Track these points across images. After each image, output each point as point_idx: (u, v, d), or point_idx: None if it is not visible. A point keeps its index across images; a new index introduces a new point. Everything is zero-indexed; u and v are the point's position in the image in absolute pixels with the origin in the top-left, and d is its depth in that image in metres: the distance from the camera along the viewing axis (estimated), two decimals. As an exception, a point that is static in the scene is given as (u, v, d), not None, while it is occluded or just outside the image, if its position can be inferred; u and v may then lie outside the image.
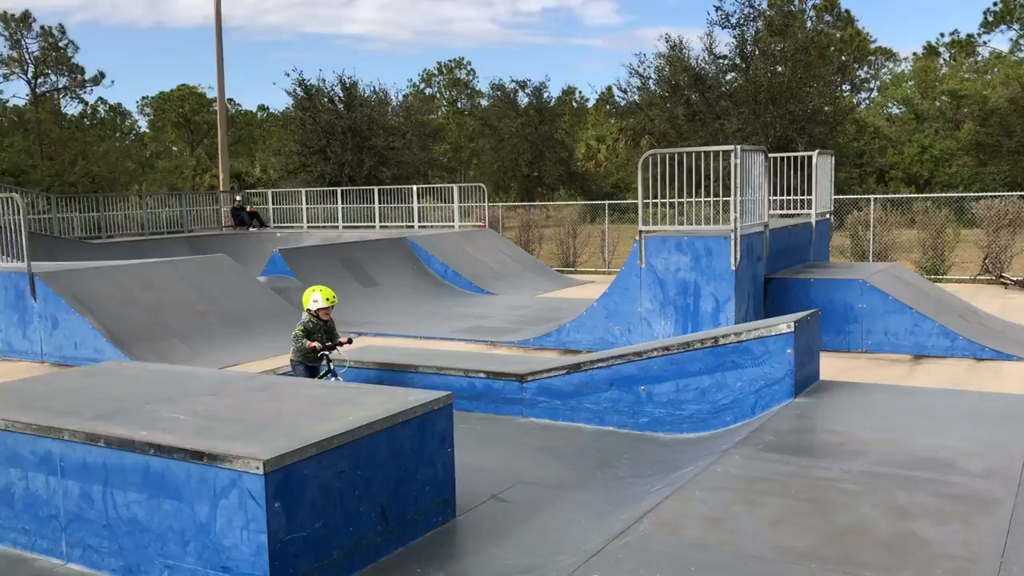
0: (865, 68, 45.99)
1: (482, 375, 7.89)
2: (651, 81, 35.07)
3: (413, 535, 5.13)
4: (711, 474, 5.18)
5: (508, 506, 5.77)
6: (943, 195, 23.87)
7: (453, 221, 24.40)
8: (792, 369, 6.76)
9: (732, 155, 12.83)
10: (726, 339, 6.97)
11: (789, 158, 16.52)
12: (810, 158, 16.09)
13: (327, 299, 8.09)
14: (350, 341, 8.28)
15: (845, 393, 6.96)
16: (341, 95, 37.62)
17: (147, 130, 67.91)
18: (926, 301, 13.96)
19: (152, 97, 67.32)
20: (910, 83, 48.34)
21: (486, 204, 24.45)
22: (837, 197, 23.06)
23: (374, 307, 16.66)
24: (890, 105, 46.70)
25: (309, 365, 8.10)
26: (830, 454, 5.45)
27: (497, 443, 7.11)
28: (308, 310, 8.13)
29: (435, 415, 5.31)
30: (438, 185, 26.16)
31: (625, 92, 37.64)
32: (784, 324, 6.79)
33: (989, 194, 22.03)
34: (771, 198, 16.81)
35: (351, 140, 36.25)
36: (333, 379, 7.87)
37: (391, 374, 8.23)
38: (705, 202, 13.67)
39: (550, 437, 7.27)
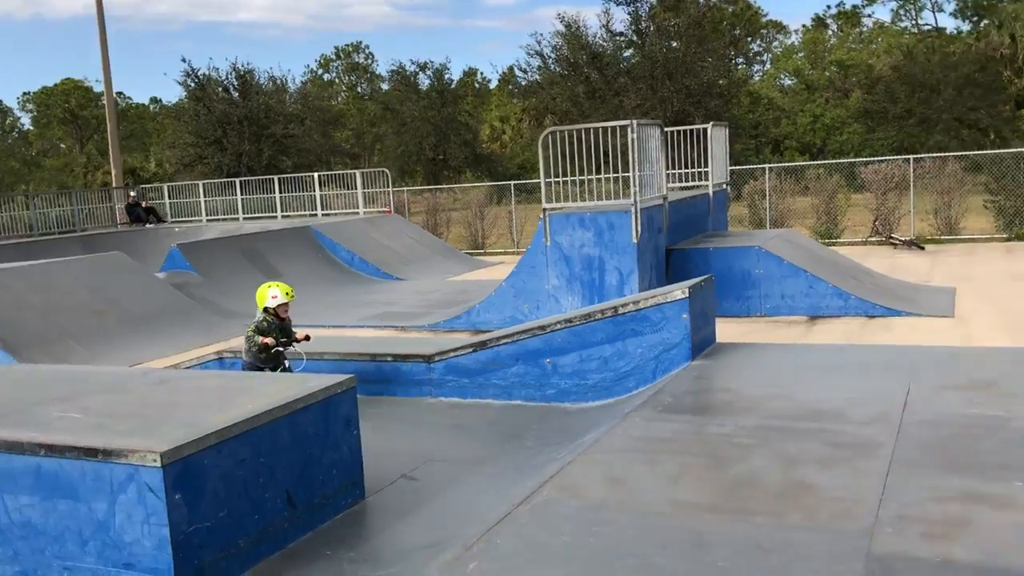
0: (758, 42, 47.21)
1: (389, 358, 7.88)
2: (550, 60, 35.30)
3: (322, 519, 5.11)
4: (612, 437, 5.31)
5: (418, 484, 5.80)
6: (833, 162, 24.78)
7: (357, 208, 24.15)
8: (689, 333, 6.96)
9: (629, 130, 13.05)
10: (625, 308, 7.13)
11: (685, 131, 16.88)
12: (705, 130, 16.47)
13: (286, 293, 7.46)
14: (308, 338, 7.63)
15: (739, 354, 7.21)
16: (235, 84, 36.70)
17: (31, 127, 64.95)
18: (820, 264, 14.51)
19: (34, 92, 64.39)
20: (800, 55, 49.87)
21: (390, 189, 24.28)
22: (733, 168, 23.69)
23: (280, 298, 16.38)
24: (782, 77, 48.13)
25: (261, 367, 7.45)
26: (724, 411, 5.65)
27: (407, 424, 7.13)
28: (265, 308, 7.48)
29: (338, 399, 5.29)
30: (341, 172, 25.83)
31: (526, 72, 37.80)
32: (679, 291, 6.98)
33: (876, 159, 22.97)
34: (669, 171, 17.19)
35: (248, 129, 35.43)
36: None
37: (296, 363, 8.14)
38: (607, 178, 13.86)
39: (459, 415, 7.32)
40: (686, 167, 17.31)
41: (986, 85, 34.33)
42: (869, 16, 50.57)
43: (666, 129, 15.76)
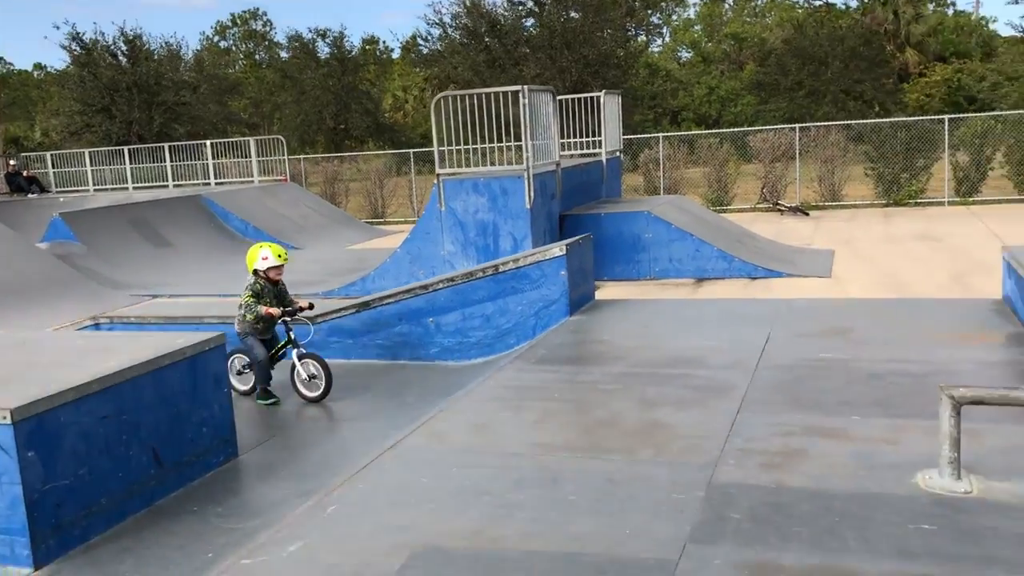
0: (657, 14, 47.78)
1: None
2: (451, 29, 35.08)
3: (192, 476, 5.08)
4: (483, 387, 5.42)
5: (293, 441, 5.81)
6: (723, 131, 25.42)
7: (252, 176, 23.61)
8: (567, 290, 7.12)
9: (520, 96, 13.13)
10: (505, 266, 7.23)
11: (579, 99, 17.04)
12: (598, 98, 16.67)
13: (279, 255, 6.92)
14: (311, 306, 7.11)
15: (615, 309, 7.41)
16: (124, 49, 35.24)
17: (-98, 95, 60.99)
18: (707, 228, 14.94)
19: (-95, 57, 60.40)
20: (697, 27, 50.77)
21: (286, 157, 23.80)
22: (629, 137, 24.08)
23: (168, 268, 15.96)
24: (680, 49, 48.94)
25: (262, 338, 6.90)
26: (594, 361, 5.82)
27: (289, 385, 7.09)
28: (255, 271, 6.90)
29: (206, 356, 5.24)
30: (234, 139, 25.15)
31: (427, 41, 37.46)
32: (557, 248, 7.13)
33: (764, 127, 23.67)
34: (564, 139, 17.37)
35: (138, 96, 34.12)
36: (295, 351, 6.76)
37: (176, 328, 7.99)
38: (501, 146, 13.93)
39: (343, 375, 7.29)
40: (581, 136, 17.51)
41: (871, 59, 35.64)
42: (763, -10, 51.78)
43: (559, 97, 15.91)
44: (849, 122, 24.37)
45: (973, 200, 20.74)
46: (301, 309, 6.98)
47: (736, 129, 25.14)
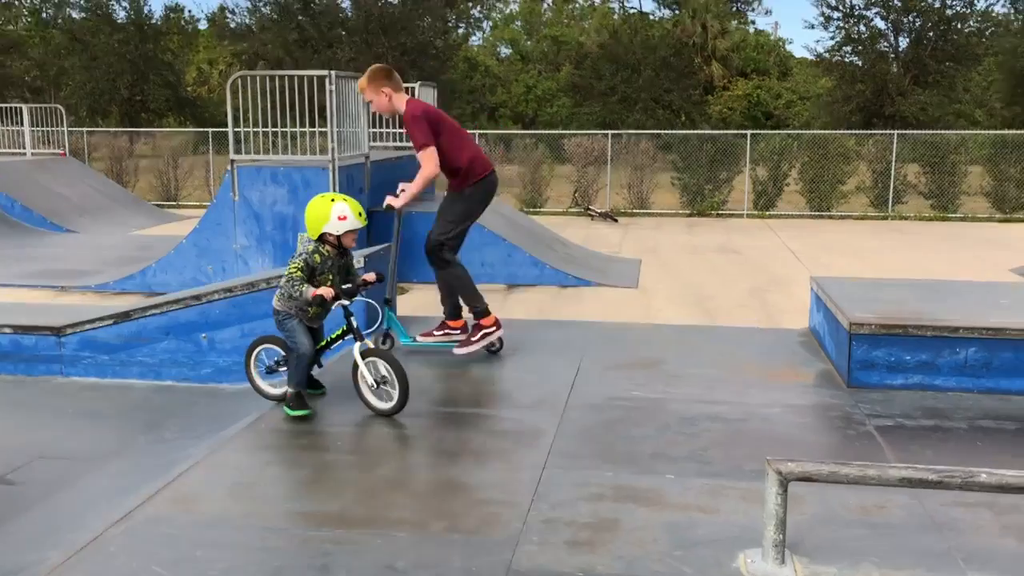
0: (478, 7, 47.55)
1: (7, 330, 6.58)
2: (261, 4, 33.17)
3: None
4: (255, 430, 4.62)
5: (15, 489, 4.76)
6: (539, 132, 25.38)
7: (24, 148, 21.11)
8: (364, 305, 6.39)
9: (327, 81, 12.23)
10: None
11: (391, 89, 16.22)
12: (413, 89, 15.95)
13: (359, 214, 4.85)
14: (380, 279, 5.17)
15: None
16: None
17: None
18: (519, 232, 14.59)
19: None
20: (518, 24, 50.99)
21: (66, 129, 21.45)
22: (445, 131, 23.52)
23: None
24: (500, 45, 48.95)
25: (308, 324, 5.00)
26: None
27: (22, 411, 5.97)
28: (322, 235, 4.83)
29: None
30: (5, 105, 22.38)
31: (234, 13, 35.27)
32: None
33: (579, 131, 23.79)
34: (377, 129, 16.54)
35: None
36: (360, 344, 4.85)
37: None
38: (303, 132, 12.94)
39: (94, 398, 6.26)
40: (393, 127, 16.74)
41: (680, 69, 36.96)
42: (582, -7, 52.73)
43: (371, 85, 15.08)
44: (660, 132, 24.94)
45: (770, 214, 21.69)
46: (366, 284, 4.96)
47: (552, 132, 25.16)
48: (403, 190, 5.93)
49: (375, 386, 4.78)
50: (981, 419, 4.79)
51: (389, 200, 5.92)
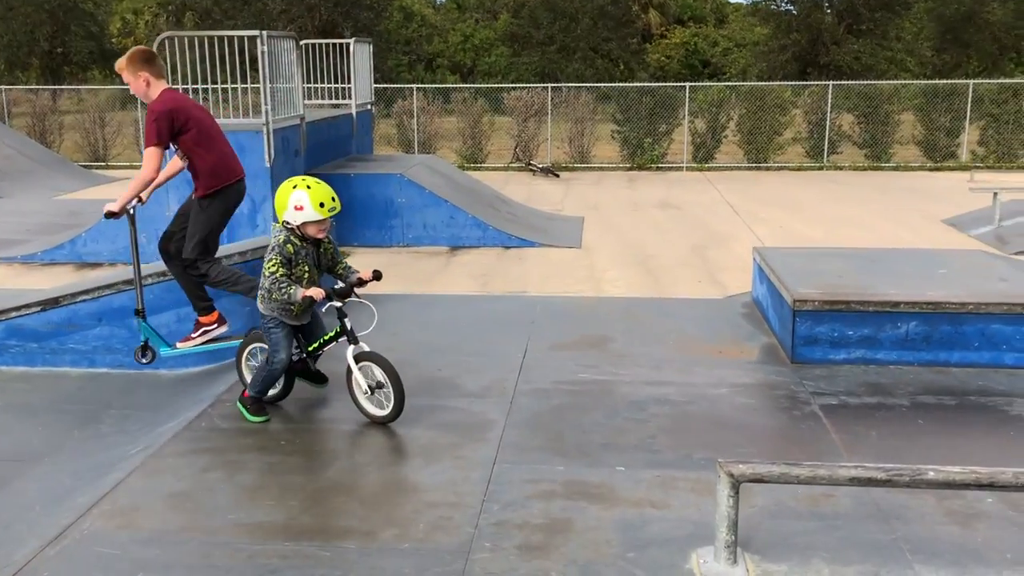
0: (412, -46, 46.43)
1: (-75, 319, 6.27)
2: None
3: None
4: (194, 431, 4.48)
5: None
6: (479, 86, 25.00)
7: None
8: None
9: (259, 41, 11.80)
10: (230, 260, 6.20)
11: (326, 45, 15.81)
12: (348, 45, 15.53)
13: (320, 204, 4.31)
14: (378, 276, 4.60)
15: (361, 308, 6.60)
16: None
17: None
18: (461, 192, 14.42)
19: None
20: (453, -30, 49.92)
21: (-20, 87, 20.46)
22: (381, 86, 23.03)
23: None
24: (436, -7, 47.93)
25: (297, 323, 4.65)
26: (333, 387, 5.00)
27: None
28: (284, 224, 4.43)
29: None
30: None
31: (159, -40, 33.84)
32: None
33: (518, 85, 23.49)
34: (312, 84, 16.09)
35: None
36: (354, 348, 4.51)
37: None
38: (235, 89, 12.50)
39: (22, 390, 6.00)
40: (329, 81, 16.31)
41: (617, 18, 36.59)
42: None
43: (305, 41, 14.61)
44: (599, 84, 24.76)
45: (708, 166, 21.81)
46: (361, 283, 4.53)
47: (491, 85, 24.79)
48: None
49: (369, 392, 4.50)
50: (922, 394, 4.88)
51: (107, 208, 5.72)
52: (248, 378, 4.86)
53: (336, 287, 4.47)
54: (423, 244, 13.26)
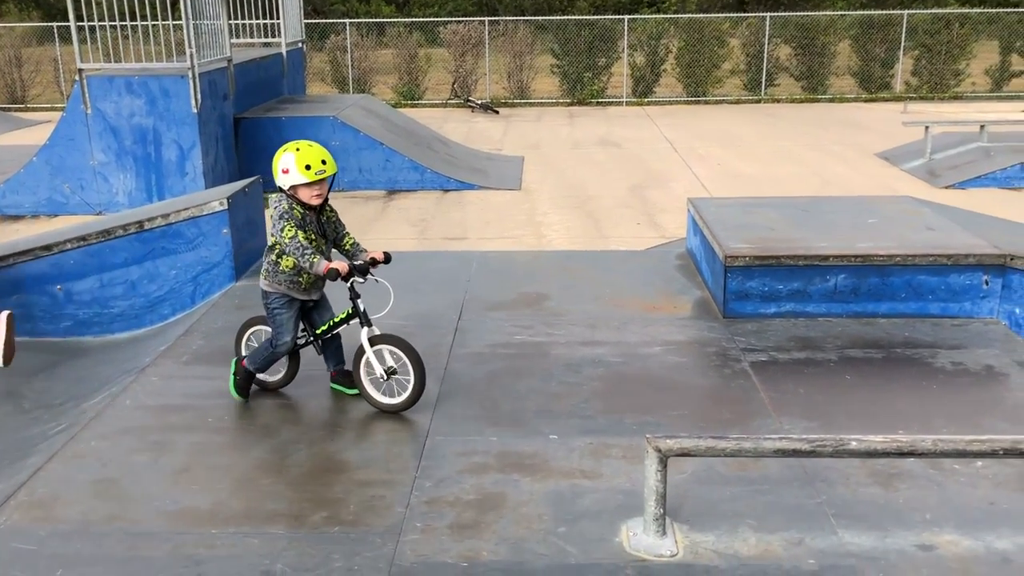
0: None
1: None
2: None
3: None
4: (118, 408, 4.35)
5: None
6: (415, 20, 24.37)
7: None
8: (231, 251, 6.07)
9: (179, -21, 11.30)
10: (152, 223, 6.00)
11: (252, -20, 15.22)
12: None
13: (306, 167, 4.02)
14: (388, 259, 4.31)
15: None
16: None
17: None
18: (397, 134, 14.14)
19: None
20: None
21: None
22: (313, 21, 22.31)
23: None
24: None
25: (303, 299, 4.32)
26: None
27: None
28: (280, 188, 4.15)
29: None
30: None
31: None
32: (217, 201, 6.00)
33: (454, 19, 22.94)
34: (236, 21, 15.51)
35: None
36: (367, 330, 4.23)
37: None
38: (158, 27, 11.97)
39: (-61, 363, 5.77)
40: (257, 18, 15.74)
41: (557, -54, 35.84)
42: None
43: (230, -22, 14.02)
44: (537, 18, 24.30)
45: (648, 100, 21.70)
46: (375, 263, 4.23)
47: (427, 19, 24.17)
48: None
49: (384, 378, 4.19)
50: (850, 348, 4.96)
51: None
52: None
53: (356, 263, 4.15)
54: (359, 188, 13.03)
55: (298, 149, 4.07)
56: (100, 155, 11.87)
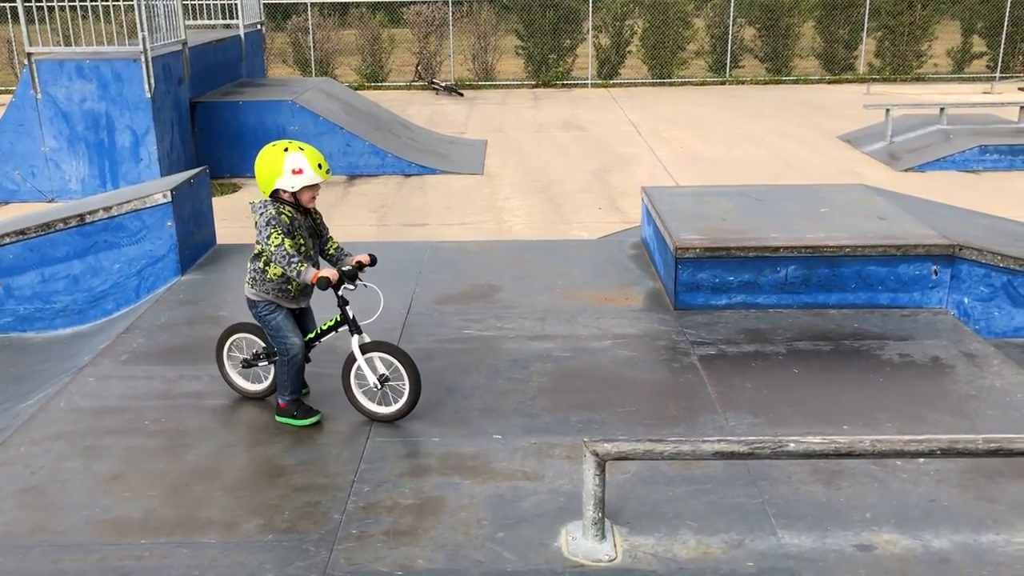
0: None
1: None
2: None
3: None
4: (51, 412, 4.23)
5: None
6: (376, 0, 24.04)
7: None
8: (176, 244, 5.93)
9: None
10: (94, 216, 5.84)
11: (207, -39, 14.90)
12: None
13: (319, 166, 3.92)
14: (374, 261, 4.11)
15: (238, 260, 6.34)
16: None
17: None
18: (358, 118, 13.96)
19: None
20: None
21: None
22: (274, 2, 21.93)
23: None
24: None
25: (290, 307, 4.14)
26: (201, 354, 4.77)
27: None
28: (275, 193, 3.95)
29: None
30: None
31: None
32: (160, 194, 5.86)
33: (417, 0, 22.65)
34: (192, 1, 15.21)
35: None
36: (358, 338, 4.06)
37: None
38: (108, 8, 11.70)
39: None
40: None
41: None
42: None
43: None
44: (501, -2, 24.04)
45: (613, 83, 21.61)
46: (361, 267, 4.06)
47: (390, 0, 23.84)
48: None
49: (377, 387, 4.05)
50: (798, 340, 4.95)
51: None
52: (233, 378, 4.36)
53: (345, 269, 3.99)
54: (320, 173, 12.85)
55: (302, 148, 3.93)
56: (52, 141, 11.60)
